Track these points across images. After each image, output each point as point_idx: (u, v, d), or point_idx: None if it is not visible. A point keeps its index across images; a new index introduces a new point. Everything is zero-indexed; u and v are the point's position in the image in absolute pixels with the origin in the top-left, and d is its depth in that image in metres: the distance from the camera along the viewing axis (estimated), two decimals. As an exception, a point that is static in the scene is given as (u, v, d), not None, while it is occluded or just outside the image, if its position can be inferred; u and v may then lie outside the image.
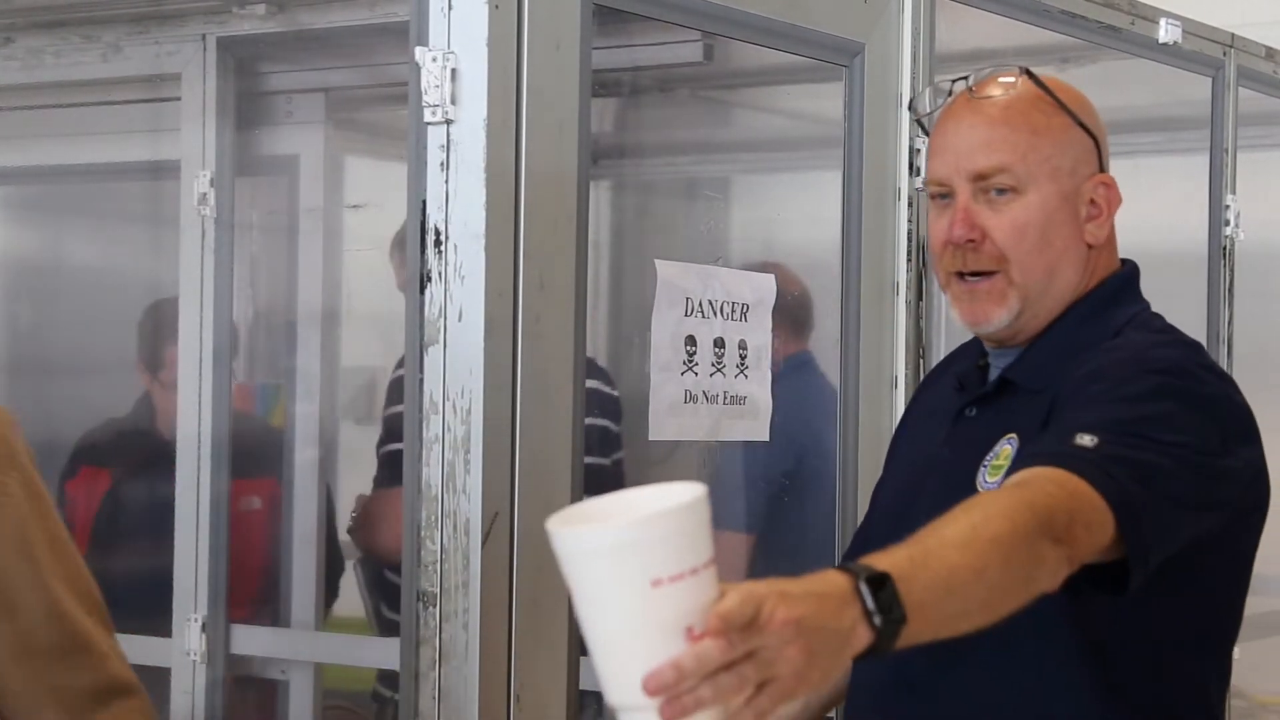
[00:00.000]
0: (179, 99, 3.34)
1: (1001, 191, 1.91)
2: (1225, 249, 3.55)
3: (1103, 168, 1.96)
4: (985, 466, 1.90)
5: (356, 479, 3.52)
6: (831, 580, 1.39)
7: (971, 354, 2.05)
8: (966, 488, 1.88)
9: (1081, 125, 1.94)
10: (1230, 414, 1.83)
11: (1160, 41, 3.31)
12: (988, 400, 1.96)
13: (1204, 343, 3.51)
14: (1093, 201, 1.94)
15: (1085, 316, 1.93)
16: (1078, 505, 1.61)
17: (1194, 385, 1.80)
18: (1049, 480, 1.63)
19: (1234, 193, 3.55)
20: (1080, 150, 1.95)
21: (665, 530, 1.29)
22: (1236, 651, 2.06)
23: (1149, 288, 2.03)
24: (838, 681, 1.96)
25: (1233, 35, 3.54)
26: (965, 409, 1.98)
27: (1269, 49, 3.67)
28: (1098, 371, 1.81)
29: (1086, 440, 1.67)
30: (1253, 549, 1.93)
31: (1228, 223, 3.54)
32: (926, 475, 2.01)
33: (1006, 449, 1.89)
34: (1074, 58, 3.47)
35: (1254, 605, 3.78)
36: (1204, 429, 1.77)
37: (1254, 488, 1.86)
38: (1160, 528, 1.69)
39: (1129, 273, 2.00)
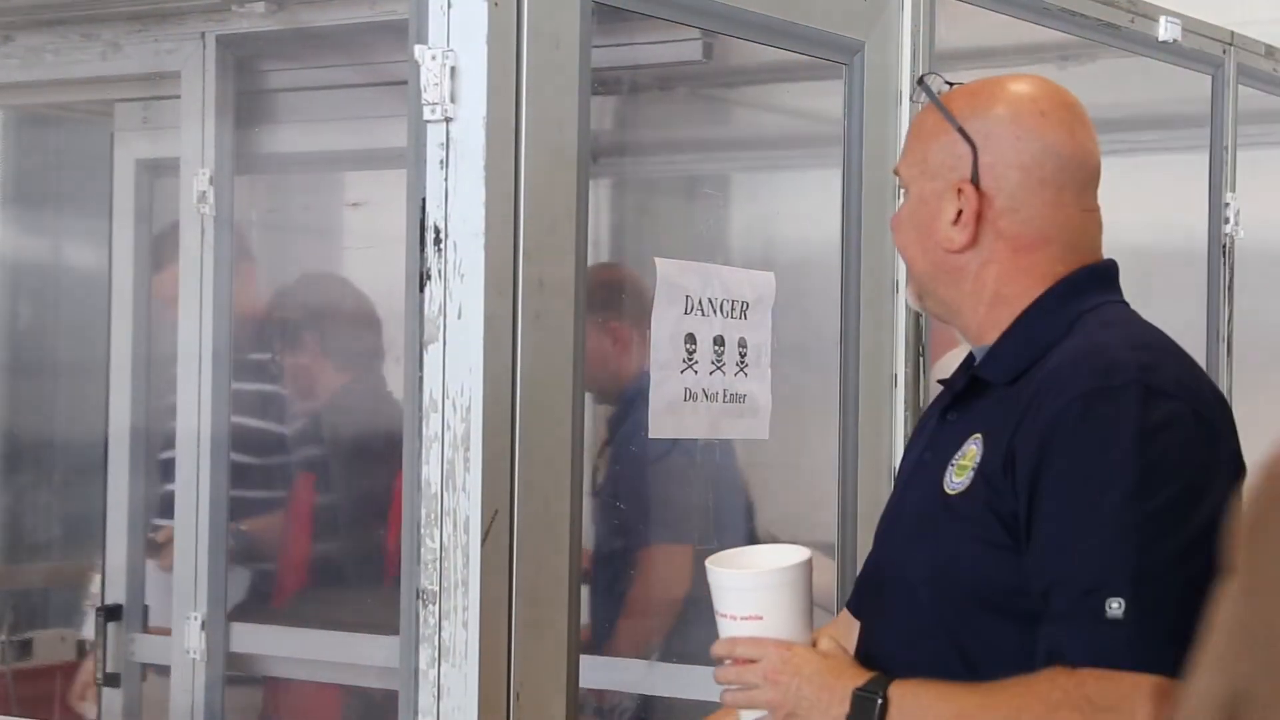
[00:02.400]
0: (178, 97, 3.34)
1: (907, 191, 2.06)
2: (1225, 247, 3.55)
3: (976, 177, 1.96)
4: (952, 466, 1.93)
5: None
6: (846, 676, 1.88)
7: (968, 361, 2.07)
8: (935, 490, 1.93)
9: (962, 132, 1.97)
10: (1183, 440, 1.83)
11: (1160, 39, 3.31)
12: (964, 401, 1.99)
13: (1204, 341, 3.53)
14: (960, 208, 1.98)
15: (1046, 309, 1.96)
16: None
17: (1145, 444, 1.80)
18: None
19: (1234, 190, 3.55)
20: (949, 156, 1.99)
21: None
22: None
23: (1149, 286, 2.03)
24: None
25: (1232, 33, 3.54)
26: (947, 413, 2.01)
27: (1269, 47, 3.67)
28: (1057, 473, 1.81)
29: (1115, 608, 1.75)
30: None
31: (1227, 220, 3.54)
32: (909, 485, 2.05)
33: (972, 449, 1.92)
34: (1074, 55, 3.47)
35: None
36: (1180, 495, 1.79)
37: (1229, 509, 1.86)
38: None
39: (1097, 267, 2.01)
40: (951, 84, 2.06)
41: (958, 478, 1.91)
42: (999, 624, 1.84)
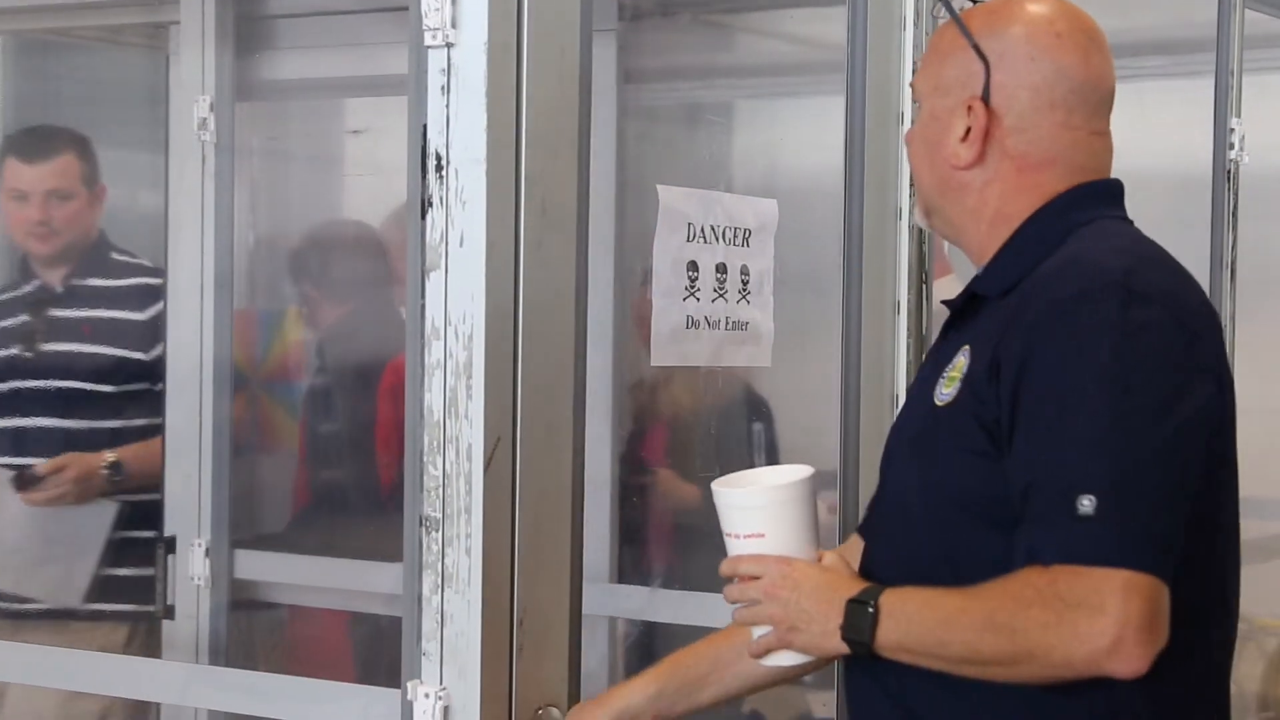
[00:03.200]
0: (178, 23, 3.32)
1: (920, 107, 2.07)
2: (1230, 173, 3.53)
3: (987, 94, 1.97)
4: (943, 379, 1.95)
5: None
6: (844, 589, 1.91)
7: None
8: (928, 404, 1.96)
9: (977, 49, 1.98)
10: (1162, 344, 1.83)
11: (1166, -37, 3.29)
12: (962, 317, 2.01)
13: (1208, 267, 3.52)
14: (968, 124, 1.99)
15: (1042, 223, 1.97)
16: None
17: (1127, 341, 1.81)
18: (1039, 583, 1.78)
19: (1239, 116, 3.53)
20: (963, 73, 2.00)
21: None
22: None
23: (1153, 211, 2.02)
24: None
25: (1239, -43, 3.51)
26: (949, 330, 2.04)
27: (1276, -29, 3.64)
28: (1037, 377, 1.83)
29: (1086, 506, 1.76)
30: (1222, 450, 1.93)
31: (1232, 146, 3.52)
32: (909, 404, 2.08)
33: (960, 360, 1.94)
34: (1079, -20, 3.45)
35: (1256, 529, 3.80)
36: (1157, 397, 1.81)
37: (1210, 413, 1.88)
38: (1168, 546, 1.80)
39: (1098, 184, 2.01)
40: (975, 1, 2.06)
41: (946, 389, 1.94)
42: (985, 532, 1.87)
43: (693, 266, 2.60)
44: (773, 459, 3.58)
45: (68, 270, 3.50)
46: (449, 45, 2.06)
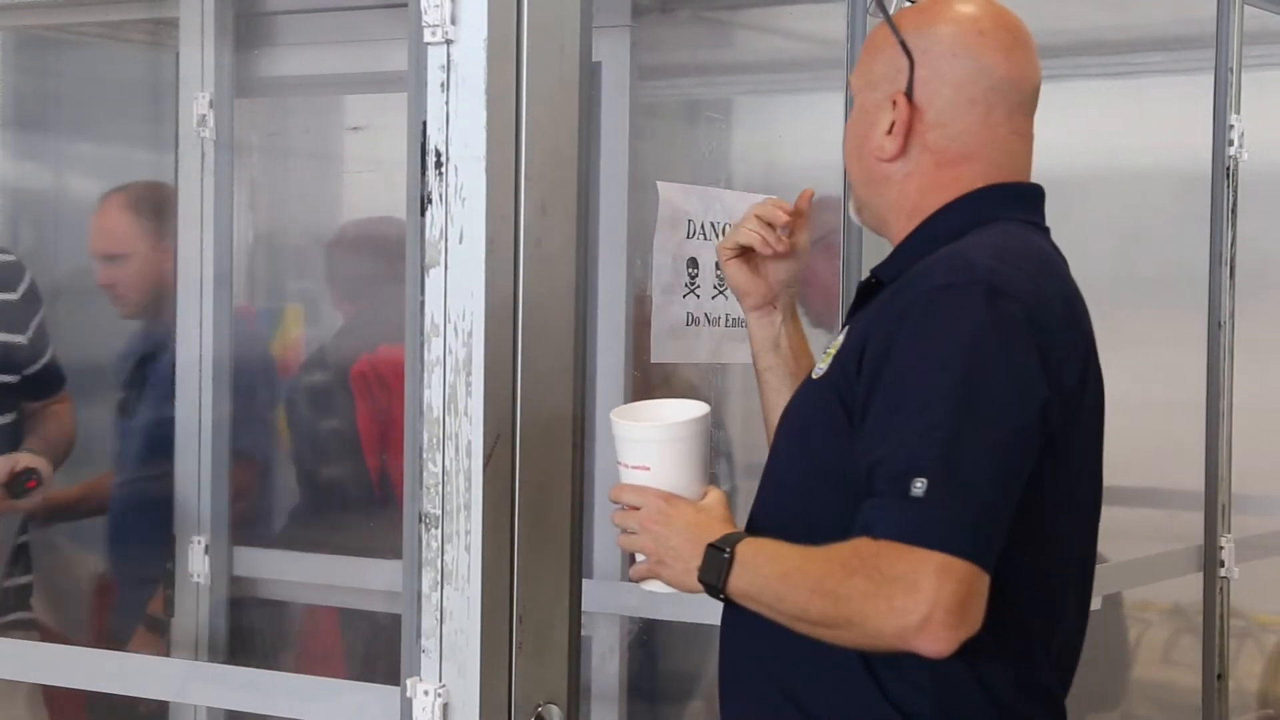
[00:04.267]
0: (177, 19, 3.32)
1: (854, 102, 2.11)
2: (1229, 169, 3.53)
3: (910, 89, 2.02)
4: (823, 354, 2.04)
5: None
6: (711, 531, 1.97)
7: None
8: (806, 381, 2.07)
9: (903, 45, 2.04)
10: (1014, 341, 1.87)
11: (1166, -40, 3.28)
12: (864, 301, 2.07)
13: (1206, 264, 3.51)
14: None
15: (945, 218, 2.03)
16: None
17: (981, 331, 1.86)
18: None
19: (1238, 113, 3.54)
20: (890, 69, 2.05)
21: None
22: (1225, 570, 2.08)
23: (1152, 208, 2.03)
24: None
25: (1239, -47, 3.51)
26: (852, 311, 2.10)
27: (1275, -33, 3.64)
28: (894, 361, 1.89)
29: (918, 488, 1.82)
30: (1072, 460, 1.97)
31: (1231, 143, 3.53)
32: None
33: (839, 339, 2.02)
34: (1079, -24, 3.45)
35: (1252, 526, 3.81)
36: (1001, 392, 1.86)
37: (1066, 409, 1.92)
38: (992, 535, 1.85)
39: (1012, 186, 2.06)
40: (914, 2, 2.12)
41: (822, 364, 2.03)
42: (840, 501, 1.92)
43: (692, 263, 2.60)
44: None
45: None
46: (449, 42, 2.06)
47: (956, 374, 1.85)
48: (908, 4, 2.14)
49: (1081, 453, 2.00)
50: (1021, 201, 2.07)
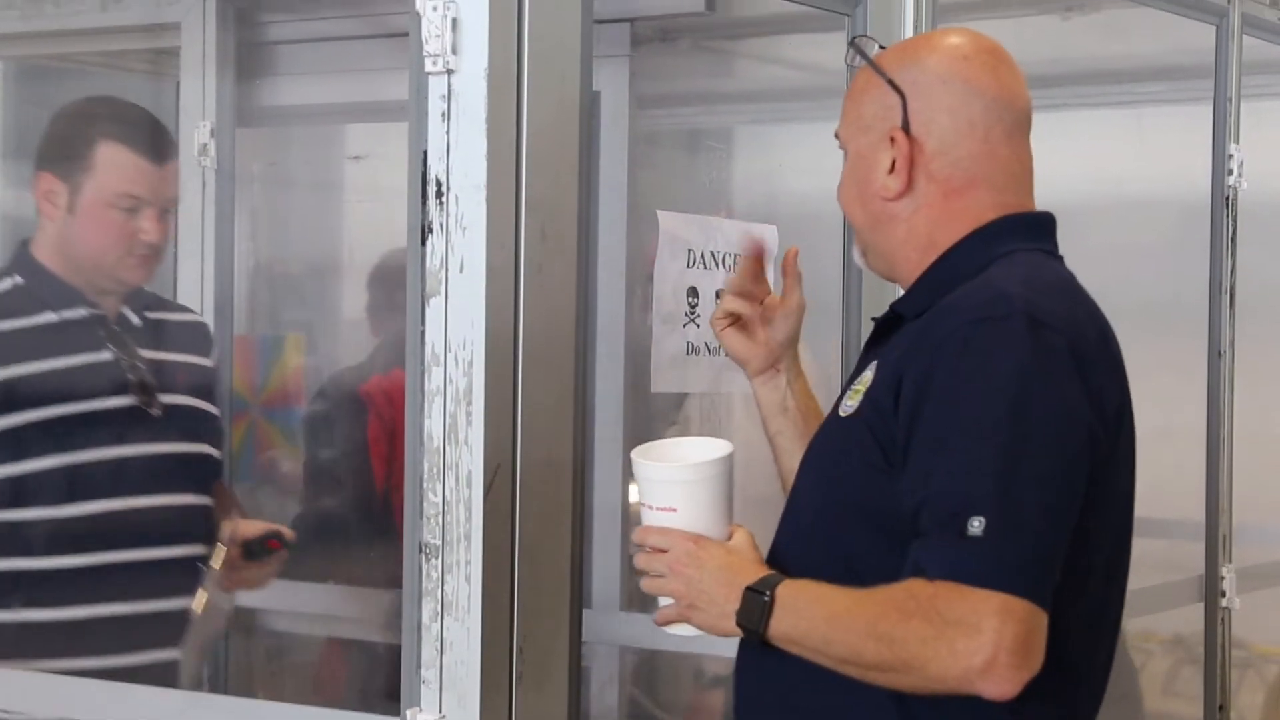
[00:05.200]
0: (179, 49, 3.33)
1: (846, 152, 2.11)
2: (1228, 198, 3.53)
3: (906, 123, 2.02)
4: (849, 391, 2.01)
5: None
6: (745, 574, 1.95)
7: None
8: (834, 415, 2.03)
9: (891, 83, 2.03)
10: (1057, 372, 1.86)
11: (1164, -11, 3.29)
12: (884, 337, 2.05)
13: (1206, 293, 3.52)
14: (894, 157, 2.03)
15: (966, 251, 2.02)
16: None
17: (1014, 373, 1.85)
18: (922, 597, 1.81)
19: (1237, 142, 3.54)
20: (881, 108, 2.05)
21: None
22: (1227, 600, 2.08)
23: (1152, 236, 2.03)
24: None
25: (1237, -16, 3.52)
26: (870, 347, 2.09)
27: (1274, -3, 3.65)
28: (935, 396, 1.87)
29: (975, 527, 1.79)
30: (1113, 490, 1.96)
31: (1231, 172, 3.53)
32: (826, 417, 2.12)
33: (868, 375, 2.00)
34: (1078, 6, 3.46)
35: (1253, 556, 3.80)
36: (1049, 424, 1.84)
37: (1097, 447, 1.90)
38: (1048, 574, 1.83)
39: (1027, 216, 2.06)
40: (884, 46, 2.12)
41: (850, 401, 2.00)
42: (877, 539, 1.91)
43: (693, 293, 2.60)
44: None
45: (119, 298, 2.88)
46: (449, 71, 2.07)
47: (1004, 407, 1.83)
48: (880, 48, 2.13)
49: (1123, 478, 1.98)
50: (1036, 230, 2.06)
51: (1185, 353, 3.62)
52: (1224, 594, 3.52)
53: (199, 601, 2.84)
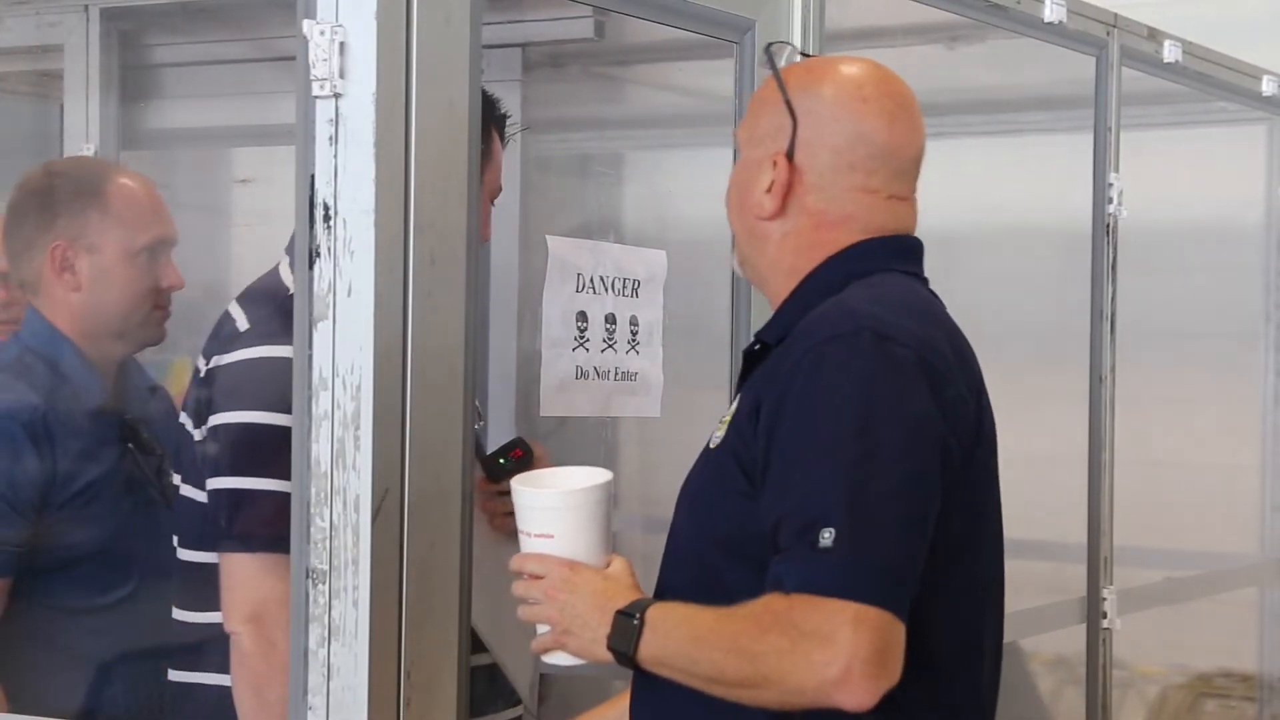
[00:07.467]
0: (62, 71, 3.29)
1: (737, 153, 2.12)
2: (1109, 226, 3.60)
3: (792, 150, 2.03)
4: (719, 423, 2.03)
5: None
6: (619, 599, 1.94)
7: None
8: (704, 451, 2.04)
9: (789, 105, 2.04)
10: (905, 384, 1.87)
11: (1045, 20, 3.35)
12: (754, 364, 2.06)
13: (1088, 319, 3.57)
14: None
15: (823, 275, 2.04)
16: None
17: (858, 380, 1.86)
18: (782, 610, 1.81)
19: (1117, 171, 3.60)
20: (773, 127, 2.06)
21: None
22: (1108, 621, 2.09)
23: (1035, 264, 2.06)
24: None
25: (1115, 15, 3.58)
26: (742, 378, 2.09)
27: (1151, 29, 3.72)
28: (789, 415, 1.89)
29: (826, 538, 1.80)
30: (972, 501, 1.98)
31: (1111, 200, 3.59)
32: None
33: (734, 406, 2.02)
34: (962, 36, 3.51)
35: (1134, 578, 3.86)
36: (899, 436, 1.85)
37: (950, 459, 1.92)
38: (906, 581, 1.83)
39: (889, 239, 2.06)
40: (806, 55, 2.11)
41: (719, 432, 2.02)
42: (743, 566, 1.92)
43: (582, 317, 2.61)
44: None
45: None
46: (337, 95, 2.06)
47: (853, 420, 1.84)
48: (799, 58, 2.14)
49: (984, 490, 2.00)
50: (899, 253, 2.07)
51: (1068, 378, 3.68)
52: (1105, 615, 3.57)
53: None
